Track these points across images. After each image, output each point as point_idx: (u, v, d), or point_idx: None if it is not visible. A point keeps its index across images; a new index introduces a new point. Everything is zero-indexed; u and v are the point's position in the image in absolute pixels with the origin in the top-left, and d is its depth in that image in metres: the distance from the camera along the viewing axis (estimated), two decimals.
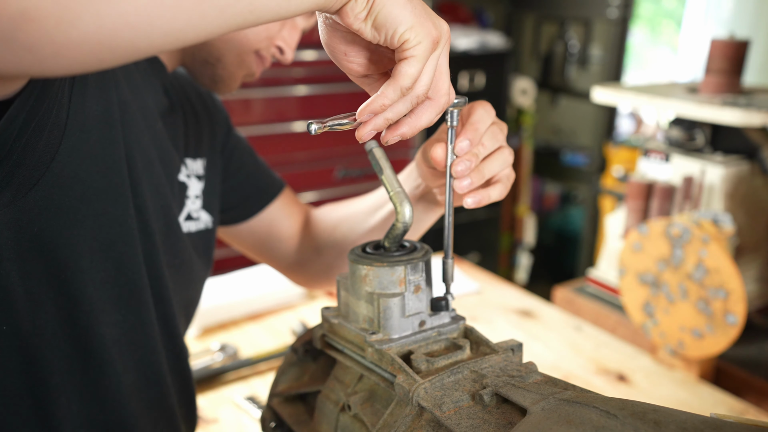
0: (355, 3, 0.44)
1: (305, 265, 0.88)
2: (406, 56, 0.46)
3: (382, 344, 0.51)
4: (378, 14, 0.45)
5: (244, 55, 0.69)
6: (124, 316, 0.60)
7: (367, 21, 0.45)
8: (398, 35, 0.45)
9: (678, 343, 1.11)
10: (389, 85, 0.47)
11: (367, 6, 0.44)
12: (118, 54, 0.37)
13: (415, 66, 0.46)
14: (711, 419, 0.37)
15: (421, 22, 0.45)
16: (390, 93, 0.47)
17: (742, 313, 1.02)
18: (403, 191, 0.57)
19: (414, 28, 0.45)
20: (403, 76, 0.46)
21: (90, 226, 0.56)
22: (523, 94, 2.98)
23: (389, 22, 0.45)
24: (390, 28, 0.45)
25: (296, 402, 0.63)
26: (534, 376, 0.48)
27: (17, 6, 0.32)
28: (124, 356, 0.61)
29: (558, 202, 3.63)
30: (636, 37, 3.88)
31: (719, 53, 1.28)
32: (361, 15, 0.45)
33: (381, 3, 0.44)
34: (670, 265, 1.10)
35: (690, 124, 1.28)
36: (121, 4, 0.35)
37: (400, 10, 0.45)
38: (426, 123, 0.50)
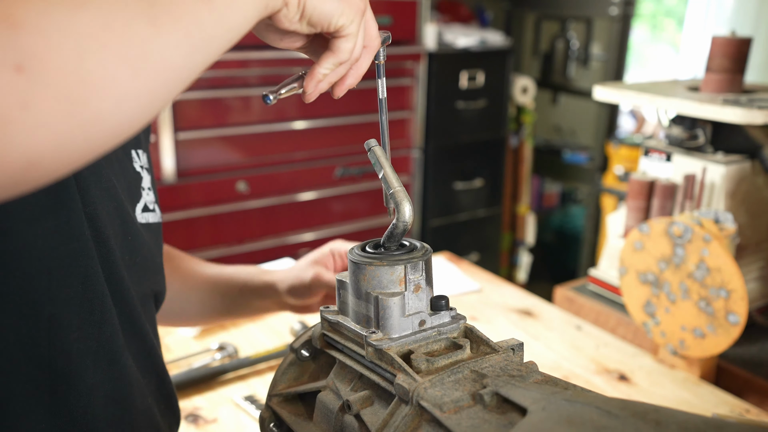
0: (288, 9, 0.48)
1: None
2: (342, 35, 0.51)
3: (381, 344, 0.51)
4: (311, 15, 0.49)
5: None
6: (87, 330, 0.59)
7: (302, 22, 0.49)
8: (333, 25, 0.50)
9: (679, 343, 1.11)
10: (328, 58, 0.52)
11: (299, 9, 0.48)
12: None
13: (351, 41, 0.52)
14: (712, 419, 0.36)
15: (348, 3, 0.50)
16: (329, 64, 0.53)
17: (744, 313, 1.01)
18: (403, 190, 0.57)
19: (344, 12, 0.50)
20: (342, 51, 0.52)
21: (43, 246, 0.55)
22: (524, 93, 2.98)
23: (323, 18, 0.49)
24: (324, 22, 0.50)
25: (295, 402, 0.63)
26: (534, 376, 0.48)
27: (23, 158, 0.34)
28: (92, 369, 0.60)
29: (559, 201, 3.63)
30: (637, 36, 3.87)
31: (720, 51, 1.28)
32: (294, 18, 0.49)
33: (311, 4, 0.48)
34: (671, 264, 1.09)
35: (691, 122, 1.27)
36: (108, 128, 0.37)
37: (328, 3, 0.49)
38: (366, 68, 0.56)
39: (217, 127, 2.07)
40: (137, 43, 0.37)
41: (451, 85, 2.63)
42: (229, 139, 2.11)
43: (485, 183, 2.86)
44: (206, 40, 0.42)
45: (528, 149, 3.09)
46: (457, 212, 2.81)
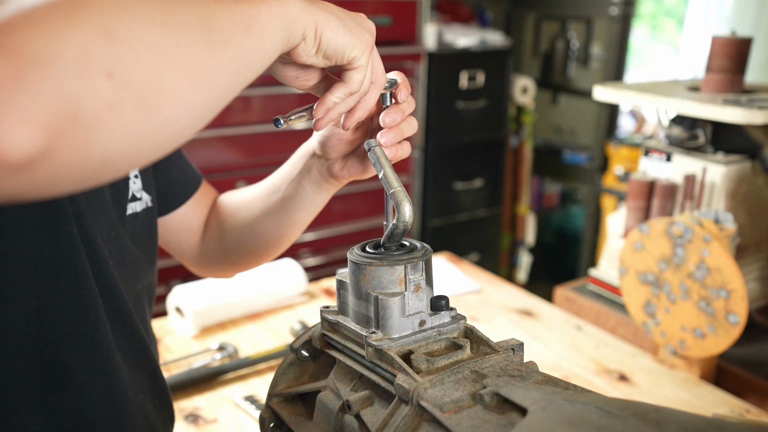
0: (305, 44, 0.51)
1: (209, 256, 0.87)
2: (354, 66, 0.55)
3: (381, 344, 0.51)
4: (326, 48, 0.53)
5: None
6: (79, 326, 0.60)
7: (318, 55, 0.53)
8: (346, 57, 0.54)
9: (679, 343, 1.11)
10: (340, 87, 0.56)
11: (316, 43, 0.52)
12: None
13: (361, 72, 0.56)
14: (713, 419, 0.36)
15: (358, 37, 0.54)
16: (341, 94, 0.57)
17: (744, 313, 1.01)
18: (403, 190, 0.57)
19: (356, 45, 0.54)
20: (353, 82, 0.56)
21: (32, 243, 0.56)
22: (524, 93, 2.98)
23: (337, 51, 0.53)
24: (338, 54, 0.53)
25: (295, 402, 0.63)
26: (534, 376, 0.48)
27: (102, 155, 0.37)
28: (86, 365, 0.61)
29: (559, 201, 3.63)
30: (637, 36, 3.87)
31: (720, 51, 1.28)
32: (311, 51, 0.52)
33: (327, 38, 0.52)
34: (672, 264, 1.09)
35: (691, 122, 1.27)
36: (169, 134, 0.41)
37: (342, 37, 0.53)
38: (373, 102, 0.61)
39: (217, 127, 2.07)
40: (198, 62, 0.41)
41: (451, 85, 2.63)
42: (229, 139, 2.11)
43: (485, 183, 2.86)
44: (245, 65, 0.46)
45: (528, 149, 3.09)
46: (457, 212, 2.81)
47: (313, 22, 0.51)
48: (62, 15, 0.35)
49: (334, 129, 0.69)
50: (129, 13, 0.38)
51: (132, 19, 0.38)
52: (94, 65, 0.35)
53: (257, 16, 0.46)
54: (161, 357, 1.13)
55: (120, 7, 0.38)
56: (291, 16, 0.49)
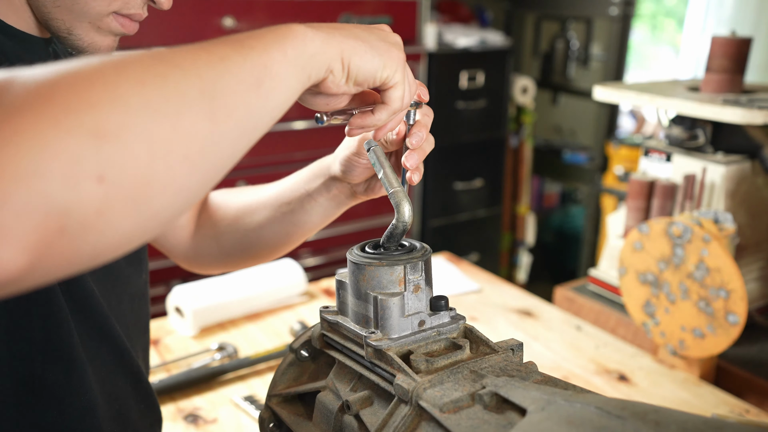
0: (334, 76, 0.50)
1: (202, 253, 0.85)
2: (390, 86, 0.53)
3: (381, 344, 0.51)
4: (356, 75, 0.51)
5: (96, 22, 0.61)
6: (53, 342, 0.59)
7: (349, 83, 0.51)
8: (378, 80, 0.52)
9: (679, 343, 1.11)
10: (383, 110, 0.55)
11: (344, 72, 0.50)
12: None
13: (400, 89, 0.54)
14: (712, 420, 0.36)
15: (388, 56, 0.52)
16: (384, 116, 0.55)
17: (743, 313, 1.01)
18: (403, 190, 0.57)
19: (386, 65, 0.52)
20: (394, 101, 0.54)
21: None
22: (524, 93, 2.98)
23: (368, 76, 0.51)
24: (369, 79, 0.52)
25: (295, 402, 0.63)
26: (534, 376, 0.48)
27: (91, 255, 0.36)
28: (62, 382, 0.60)
29: (559, 201, 3.63)
30: (637, 36, 3.87)
31: (720, 51, 1.28)
32: (341, 82, 0.50)
33: (355, 65, 0.50)
34: (671, 264, 1.09)
35: (691, 122, 1.27)
36: (162, 220, 0.39)
37: (370, 61, 0.51)
38: (402, 118, 0.60)
39: None
40: (197, 141, 0.39)
41: (451, 85, 2.63)
42: None
43: (485, 183, 2.85)
44: (254, 125, 0.44)
45: (528, 149, 3.09)
46: (457, 212, 2.81)
47: (338, 53, 0.49)
48: (51, 119, 0.33)
49: (357, 159, 0.67)
50: (122, 105, 0.36)
51: (125, 111, 0.36)
52: (84, 172, 0.34)
53: (269, 66, 0.44)
54: (161, 357, 1.13)
55: (114, 99, 0.36)
56: (309, 54, 0.47)
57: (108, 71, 0.37)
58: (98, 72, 0.37)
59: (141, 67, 0.38)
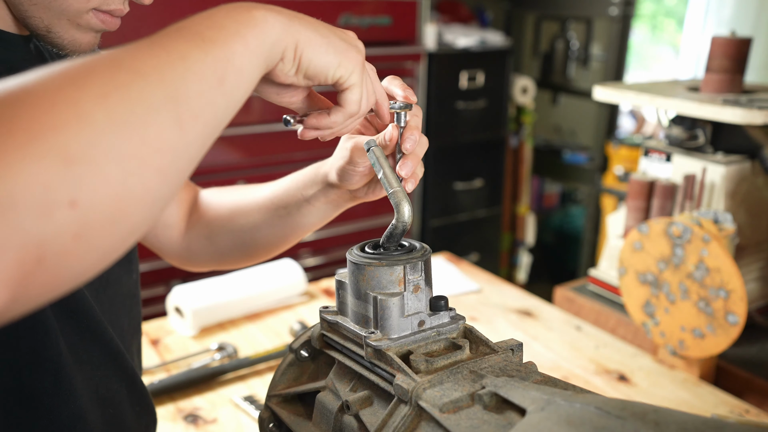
0: (283, 64, 0.48)
1: (195, 252, 0.84)
2: (346, 87, 0.51)
3: (381, 344, 0.51)
4: (307, 68, 0.49)
5: (76, 19, 0.59)
6: (41, 352, 0.59)
7: (298, 75, 0.49)
8: (330, 77, 0.50)
9: (678, 343, 1.11)
10: (338, 111, 0.53)
11: (295, 63, 0.48)
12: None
13: (356, 92, 0.52)
14: (712, 420, 0.36)
15: (345, 55, 0.50)
16: (339, 118, 0.53)
17: (743, 313, 1.01)
18: (402, 190, 0.57)
19: (342, 64, 0.50)
20: (350, 104, 0.52)
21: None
22: (524, 93, 2.98)
23: (319, 70, 0.49)
24: (321, 74, 0.50)
25: (295, 402, 0.63)
26: (534, 376, 0.48)
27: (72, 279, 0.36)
28: (51, 391, 0.60)
29: (558, 201, 3.63)
30: (637, 36, 3.87)
31: (720, 51, 1.28)
32: (291, 72, 0.49)
33: (307, 57, 0.48)
34: (671, 264, 1.09)
35: (691, 122, 1.27)
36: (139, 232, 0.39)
37: (324, 56, 0.49)
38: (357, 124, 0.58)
39: None
40: (168, 150, 0.38)
41: (451, 85, 2.63)
42: (229, 139, 2.11)
43: (485, 183, 2.85)
44: (219, 123, 0.43)
45: (528, 149, 3.09)
46: (457, 212, 2.81)
47: (293, 41, 0.47)
48: (18, 146, 0.32)
49: (353, 168, 0.66)
50: (88, 123, 0.34)
51: (91, 130, 0.34)
52: (56, 199, 0.32)
53: (231, 60, 0.43)
54: (161, 357, 1.13)
55: (79, 118, 0.34)
56: (270, 42, 0.46)
57: (68, 87, 0.35)
58: (59, 88, 0.35)
59: (102, 78, 0.37)
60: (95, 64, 0.38)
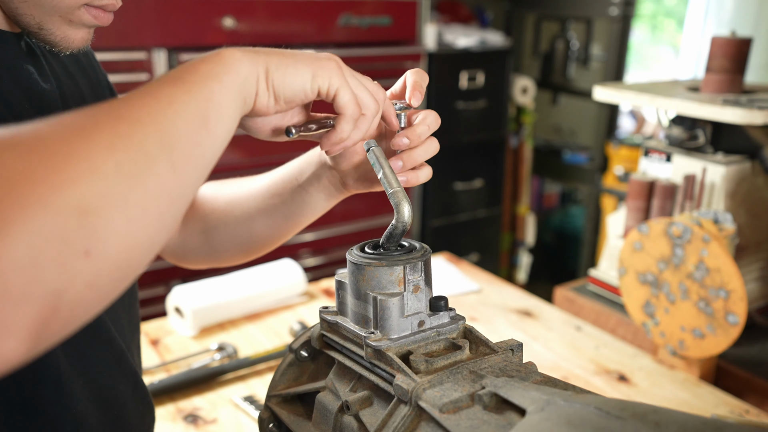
0: (259, 96, 0.49)
1: (190, 248, 0.83)
2: (332, 94, 0.51)
3: (380, 344, 0.51)
4: (283, 91, 0.49)
5: (68, 16, 0.58)
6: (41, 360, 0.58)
7: (279, 102, 0.50)
8: (310, 90, 0.50)
9: (678, 343, 1.11)
10: (341, 120, 0.53)
11: (270, 90, 0.49)
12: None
13: (345, 93, 0.52)
14: (712, 420, 0.36)
15: (317, 65, 0.50)
16: (347, 127, 0.53)
17: (743, 313, 1.01)
18: (402, 190, 0.57)
19: (316, 74, 0.50)
20: (345, 107, 0.52)
21: None
22: (524, 93, 2.98)
23: (295, 88, 0.50)
24: (298, 92, 0.50)
25: (295, 402, 0.63)
26: (534, 377, 0.48)
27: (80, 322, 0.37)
28: (53, 398, 0.60)
29: (559, 201, 3.63)
30: (637, 36, 3.87)
31: (720, 51, 1.28)
32: (270, 102, 0.49)
33: (279, 80, 0.49)
34: (671, 264, 1.09)
35: (691, 122, 1.27)
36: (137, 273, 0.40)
37: (294, 75, 0.49)
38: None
39: None
40: (165, 195, 0.40)
41: (451, 85, 2.63)
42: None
43: (485, 183, 2.85)
44: (207, 163, 0.45)
45: (528, 149, 3.09)
46: (457, 212, 2.81)
47: (262, 70, 0.48)
48: (39, 201, 0.33)
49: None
50: (100, 175, 0.36)
51: (103, 181, 0.36)
52: (73, 250, 0.34)
53: (211, 99, 0.44)
54: (161, 357, 1.13)
55: (92, 171, 0.36)
56: (242, 77, 0.47)
57: (79, 139, 0.37)
58: (71, 140, 0.36)
59: (107, 129, 0.38)
60: (99, 115, 0.39)
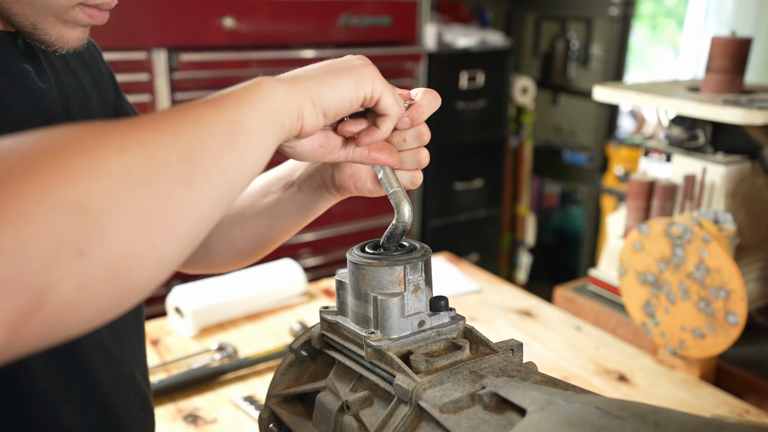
0: (306, 118, 0.49)
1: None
2: (377, 99, 0.52)
3: (381, 344, 0.51)
4: (332, 107, 0.50)
5: (62, 15, 0.58)
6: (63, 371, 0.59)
7: (327, 117, 0.50)
8: (356, 100, 0.51)
9: (679, 343, 1.11)
10: (386, 120, 0.54)
11: (318, 110, 0.49)
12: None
13: (388, 97, 0.53)
14: (712, 420, 0.36)
15: (356, 73, 0.51)
16: (390, 126, 0.54)
17: (743, 313, 1.01)
18: (402, 190, 0.57)
19: (359, 83, 0.51)
20: (390, 108, 0.53)
21: None
22: (524, 93, 2.98)
23: (343, 103, 0.50)
24: (346, 105, 0.51)
25: (295, 402, 0.63)
26: (534, 377, 0.48)
27: (68, 330, 0.35)
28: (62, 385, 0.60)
29: (559, 201, 3.63)
30: (637, 36, 3.87)
31: (720, 51, 1.28)
32: (319, 121, 0.50)
33: (326, 98, 0.49)
34: (671, 264, 1.09)
35: (691, 123, 1.27)
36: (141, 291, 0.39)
37: (338, 87, 0.50)
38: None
39: None
40: (175, 208, 0.38)
41: (451, 85, 2.63)
42: None
43: (485, 183, 2.86)
44: (231, 185, 0.43)
45: (528, 149, 3.09)
46: (457, 213, 2.81)
47: (306, 96, 0.49)
48: (35, 193, 0.32)
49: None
50: (105, 175, 0.35)
51: (108, 181, 0.35)
52: (65, 248, 0.33)
53: (242, 122, 0.44)
54: (161, 357, 1.13)
55: (97, 169, 0.35)
56: (277, 103, 0.47)
57: (90, 139, 0.36)
58: (81, 139, 0.36)
59: (122, 132, 0.38)
60: (120, 122, 0.39)
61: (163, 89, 1.88)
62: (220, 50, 1.97)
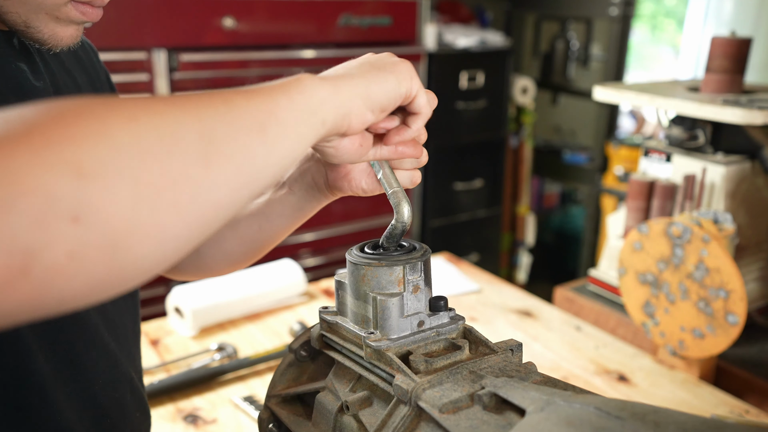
0: (354, 115, 0.49)
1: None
2: (413, 96, 0.53)
3: (380, 344, 0.51)
4: (381, 102, 0.50)
5: (54, 12, 0.57)
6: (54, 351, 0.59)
7: (375, 113, 0.51)
8: (398, 97, 0.51)
9: (678, 343, 1.11)
10: (417, 119, 0.55)
11: (368, 104, 0.49)
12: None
13: (422, 95, 0.54)
14: (712, 420, 0.36)
15: (398, 71, 0.52)
16: (420, 124, 0.55)
17: (743, 313, 1.01)
18: (402, 190, 0.57)
19: (401, 81, 0.51)
20: (423, 107, 0.54)
21: None
22: (524, 93, 2.98)
23: (390, 98, 0.51)
24: (392, 101, 0.51)
25: (294, 402, 0.63)
26: (533, 377, 0.48)
27: (58, 300, 0.33)
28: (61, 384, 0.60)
29: (559, 201, 3.63)
30: (637, 36, 3.87)
31: (720, 51, 1.28)
32: (368, 116, 0.50)
33: (376, 93, 0.50)
34: (671, 264, 1.09)
35: (691, 123, 1.27)
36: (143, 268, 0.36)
37: (385, 83, 0.50)
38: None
39: None
40: (188, 187, 0.36)
41: (451, 85, 2.63)
42: None
43: (485, 183, 2.86)
44: (255, 174, 0.41)
45: (528, 150, 3.09)
46: (457, 213, 2.81)
47: (353, 92, 0.48)
48: (29, 151, 0.31)
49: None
50: (109, 140, 0.33)
51: (111, 147, 0.33)
52: (59, 211, 0.31)
53: (275, 112, 0.42)
54: (161, 357, 1.13)
55: (100, 134, 0.33)
56: (319, 99, 0.46)
57: (99, 107, 0.35)
58: (89, 107, 0.35)
59: (137, 104, 0.36)
60: (134, 96, 0.37)
61: (163, 89, 1.88)
62: (220, 50, 1.97)
